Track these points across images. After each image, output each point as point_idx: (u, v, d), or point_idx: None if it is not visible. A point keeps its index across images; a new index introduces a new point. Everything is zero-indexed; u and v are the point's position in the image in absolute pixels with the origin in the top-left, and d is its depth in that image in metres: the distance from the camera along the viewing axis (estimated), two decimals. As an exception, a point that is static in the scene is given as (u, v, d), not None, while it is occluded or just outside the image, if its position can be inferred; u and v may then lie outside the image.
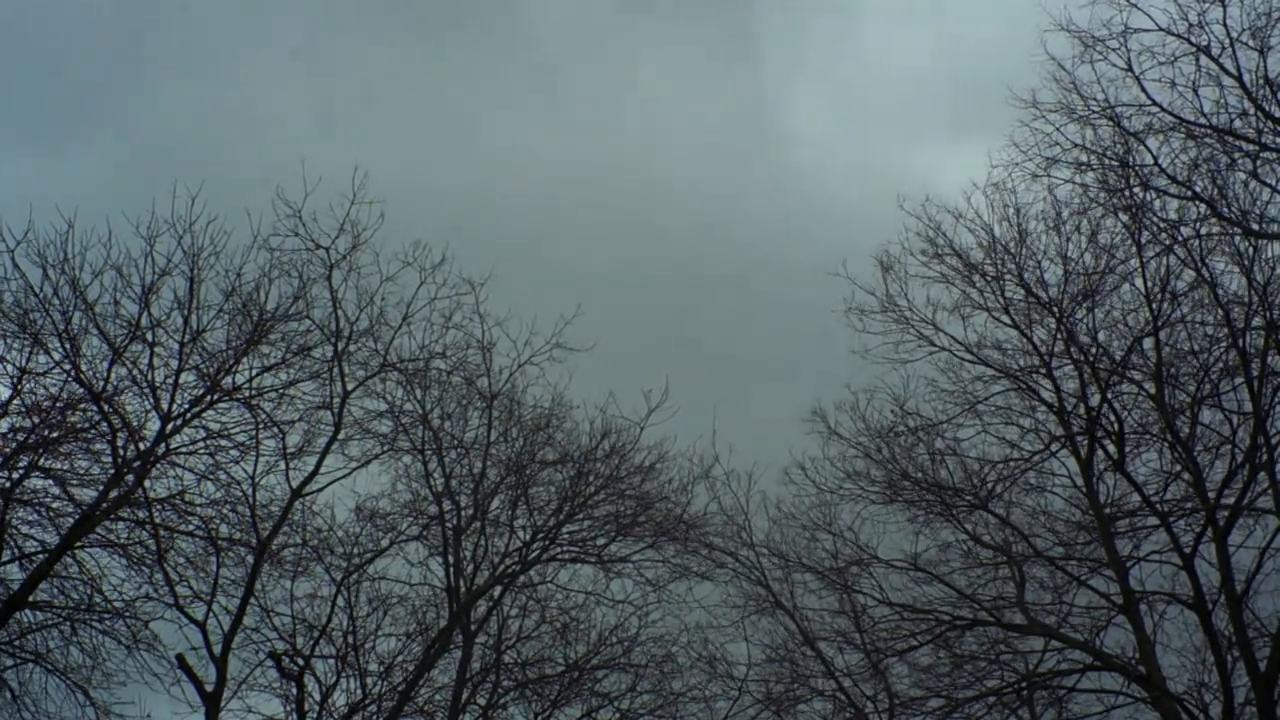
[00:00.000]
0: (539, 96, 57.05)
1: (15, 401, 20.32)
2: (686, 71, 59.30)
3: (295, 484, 22.83)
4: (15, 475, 20.10)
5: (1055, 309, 23.70)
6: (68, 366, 20.35)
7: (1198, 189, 22.26)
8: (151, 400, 21.04)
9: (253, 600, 22.54)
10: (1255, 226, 21.74)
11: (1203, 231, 22.23)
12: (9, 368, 20.31)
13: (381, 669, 25.36)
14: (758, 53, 60.50)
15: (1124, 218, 23.05)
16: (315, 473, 23.14)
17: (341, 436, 23.64)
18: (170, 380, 21.03)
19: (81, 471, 20.96)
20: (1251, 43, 21.73)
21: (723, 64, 60.83)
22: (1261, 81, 21.73)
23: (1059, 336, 23.75)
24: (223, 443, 21.87)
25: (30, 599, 20.11)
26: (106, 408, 20.32)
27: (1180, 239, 22.40)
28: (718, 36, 60.63)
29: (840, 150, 58.78)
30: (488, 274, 25.42)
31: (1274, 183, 21.75)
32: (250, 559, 22.05)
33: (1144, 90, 22.60)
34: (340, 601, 24.58)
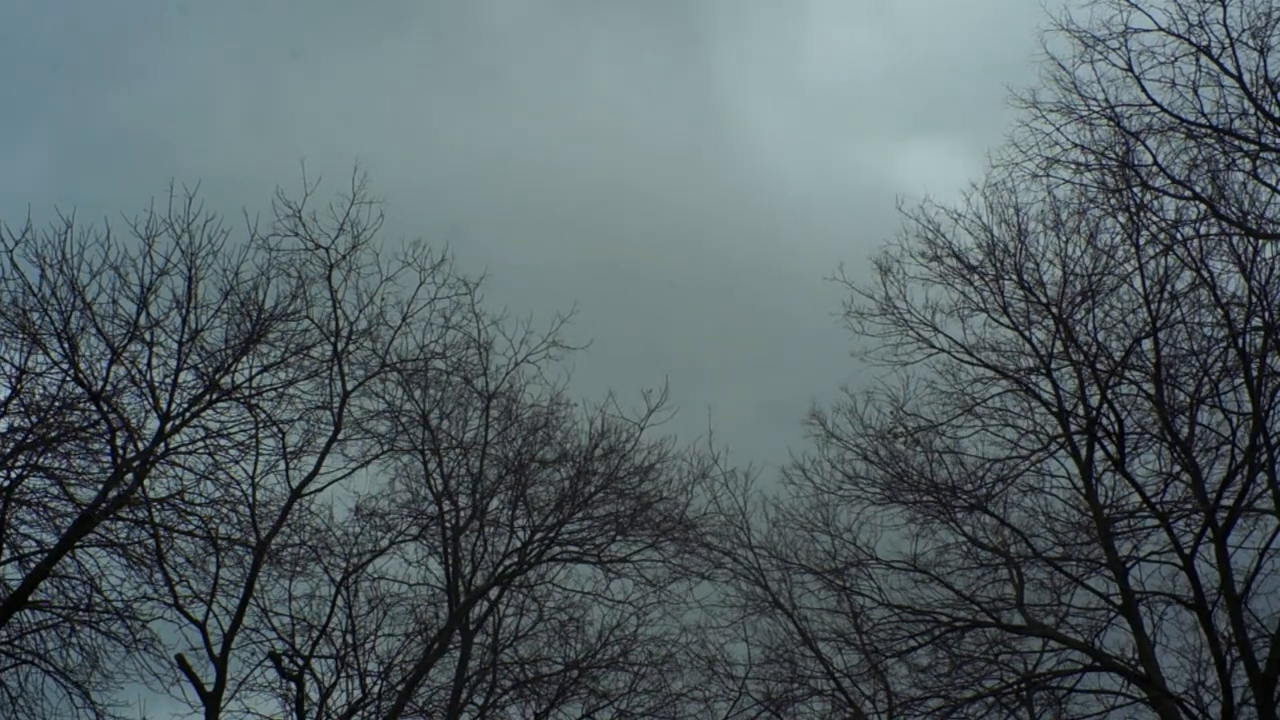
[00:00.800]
0: (487, 93, 56.88)
1: (14, 401, 20.31)
2: (635, 65, 59.33)
3: (295, 484, 22.89)
4: (14, 475, 20.06)
5: (1054, 309, 23.70)
6: (66, 366, 20.35)
7: (1197, 189, 22.29)
8: (150, 400, 21.06)
9: (252, 600, 22.55)
10: (1254, 226, 21.75)
11: (1202, 231, 22.25)
12: (8, 367, 20.33)
13: (381, 669, 25.36)
14: (705, 47, 60.90)
15: (1122, 218, 23.08)
16: (315, 473, 23.19)
17: (341, 436, 23.69)
18: (169, 380, 21.06)
19: (80, 471, 20.94)
20: (1251, 43, 21.79)
21: (670, 57, 60.93)
22: (1261, 81, 21.78)
23: (1058, 337, 23.76)
24: (222, 442, 21.91)
25: (30, 599, 20.08)
26: (105, 407, 20.31)
27: (1179, 239, 22.43)
28: (664, 31, 60.69)
29: (791, 144, 58.98)
30: (483, 274, 25.42)
31: (1274, 183, 21.76)
32: (250, 559, 22.04)
33: (1144, 90, 22.69)
34: (339, 601, 24.61)
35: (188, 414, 21.35)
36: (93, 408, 20.50)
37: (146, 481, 20.93)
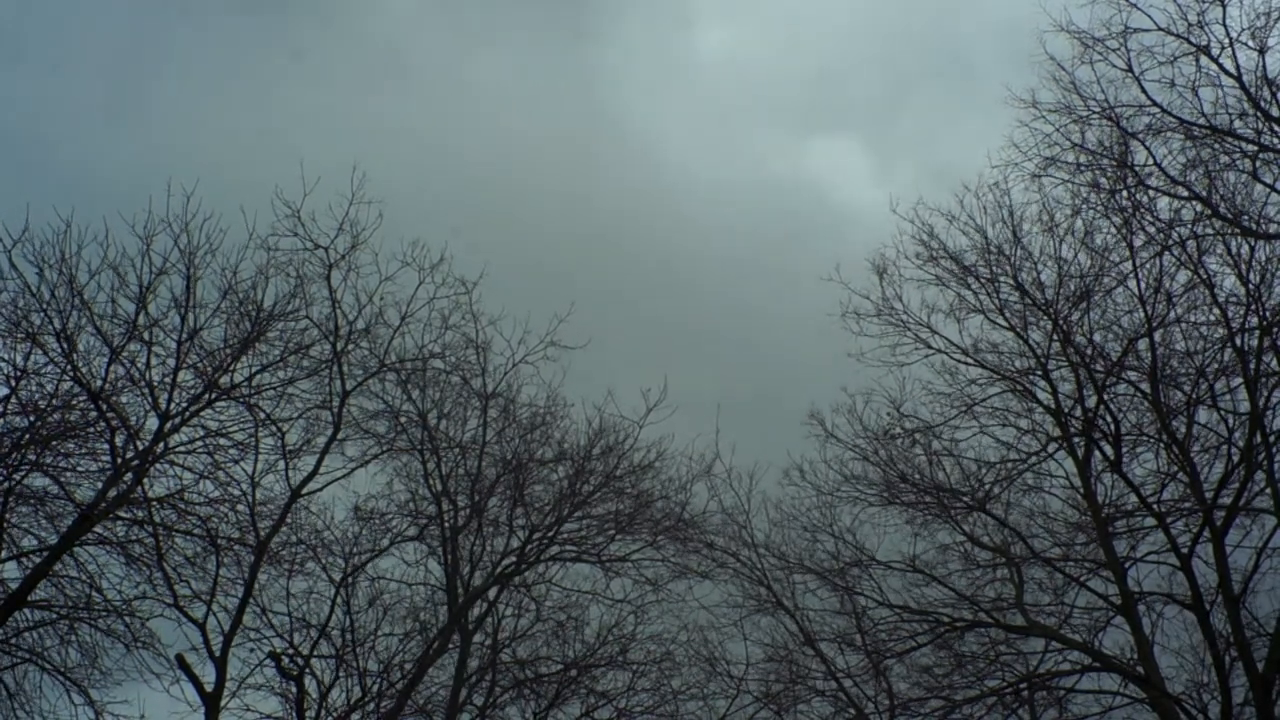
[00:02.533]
0: (387, 82, 56.71)
1: (13, 400, 20.36)
2: (522, 55, 59.21)
3: (294, 483, 22.94)
4: (14, 474, 20.11)
5: (1050, 311, 23.71)
6: (65, 365, 20.39)
7: (1195, 189, 22.28)
8: (149, 399, 21.10)
9: (252, 600, 22.56)
10: (1251, 226, 21.74)
11: (1198, 231, 22.25)
12: (7, 367, 20.37)
13: (380, 668, 25.34)
14: (589, 39, 60.83)
15: (1118, 219, 23.07)
16: (314, 472, 23.25)
17: (340, 436, 23.73)
18: (168, 379, 21.09)
19: (80, 470, 20.99)
20: (1251, 43, 21.78)
21: (556, 50, 60.80)
22: (1261, 82, 21.76)
23: (1055, 338, 23.78)
24: (221, 442, 21.95)
25: (29, 598, 20.13)
26: (104, 406, 20.35)
27: (1175, 239, 22.42)
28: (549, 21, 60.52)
29: (679, 134, 58.79)
30: (480, 273, 25.47)
31: (1271, 182, 21.76)
32: (249, 558, 22.09)
33: (1144, 90, 22.67)
34: (339, 601, 24.60)
35: (187, 413, 21.38)
36: (92, 407, 20.53)
37: (146, 481, 20.99)
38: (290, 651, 24.00)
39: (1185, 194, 22.39)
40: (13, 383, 20.20)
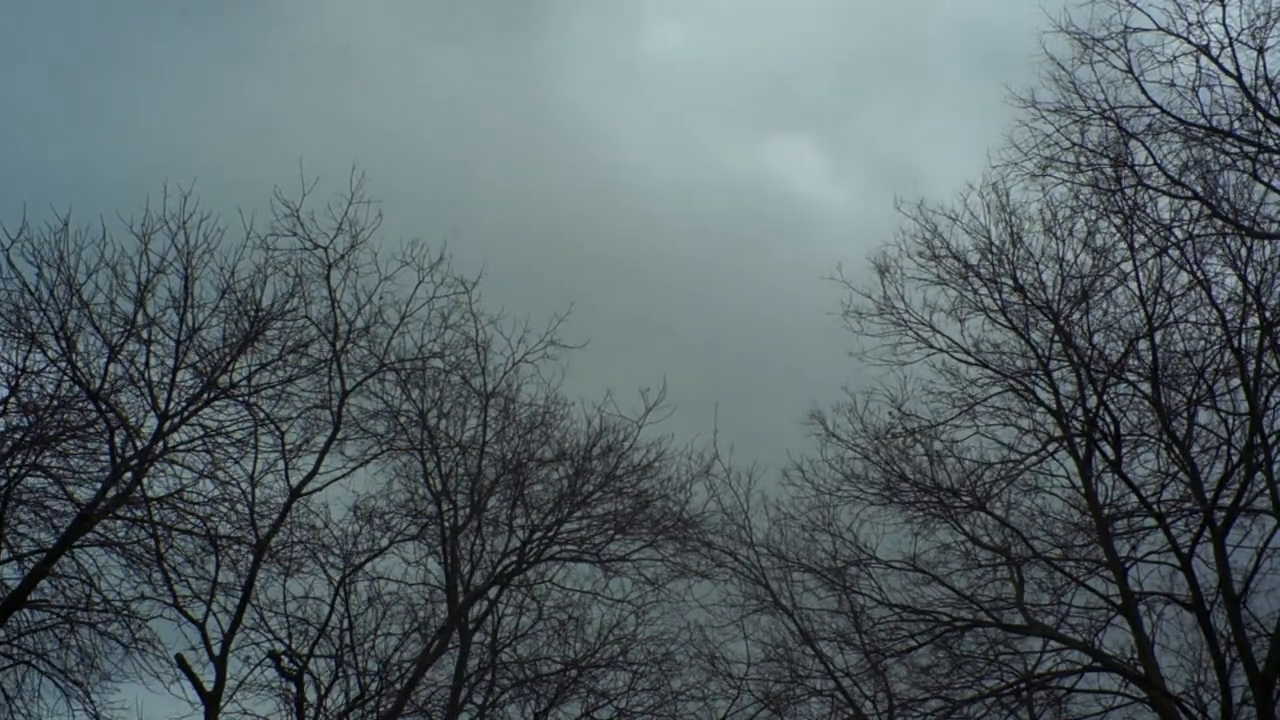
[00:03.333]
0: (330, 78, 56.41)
1: (12, 400, 20.35)
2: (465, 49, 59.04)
3: (294, 483, 22.89)
4: (13, 474, 20.08)
5: (1051, 311, 23.70)
6: (64, 365, 20.39)
7: (1195, 189, 22.26)
8: (149, 398, 21.07)
9: (251, 600, 22.52)
10: (1250, 226, 21.73)
11: (1197, 232, 22.24)
12: (6, 366, 20.39)
13: (379, 668, 25.30)
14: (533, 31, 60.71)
15: (1118, 219, 23.06)
16: (314, 472, 23.20)
17: (339, 436, 23.69)
18: (167, 378, 21.07)
19: (79, 470, 21.02)
20: (1251, 42, 21.76)
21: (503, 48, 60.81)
22: (1261, 81, 21.74)
23: (1055, 338, 23.77)
24: (220, 441, 21.92)
25: (28, 598, 20.11)
26: (104, 406, 20.33)
27: (1174, 240, 22.41)
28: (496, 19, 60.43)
29: (631, 132, 58.92)
30: (480, 273, 25.44)
31: (1268, 180, 21.75)
32: (249, 558, 22.06)
33: (1143, 91, 22.65)
34: (338, 601, 24.55)
35: (186, 413, 21.36)
36: (91, 407, 20.53)
37: (145, 480, 20.98)
38: (289, 652, 23.97)
39: (1185, 194, 22.38)
40: (13, 383, 20.17)
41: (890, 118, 60.25)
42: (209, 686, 21.37)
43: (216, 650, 21.56)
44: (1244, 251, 21.65)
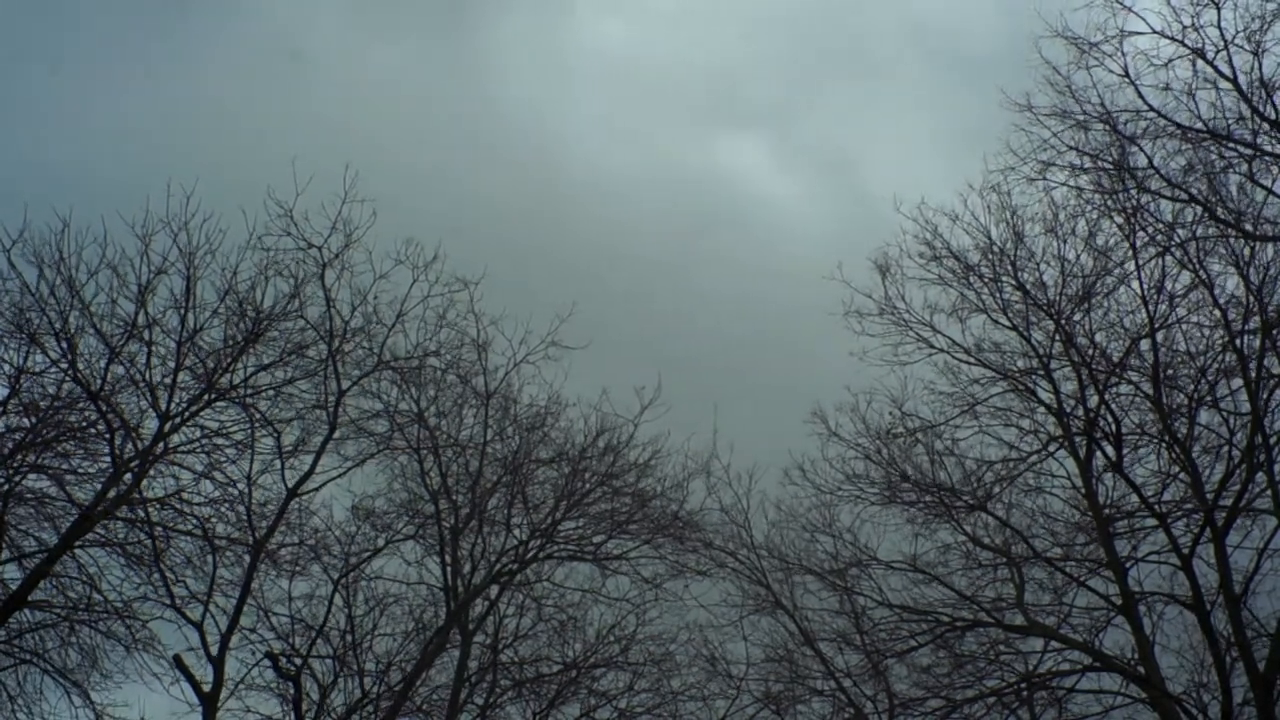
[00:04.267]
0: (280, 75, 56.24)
1: (13, 401, 20.33)
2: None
3: (291, 483, 22.89)
4: (13, 474, 20.08)
5: (1052, 311, 23.71)
6: (65, 366, 20.41)
7: (1193, 192, 22.29)
8: (149, 399, 21.05)
9: (250, 600, 22.56)
10: (1250, 228, 21.75)
11: (1198, 233, 22.25)
12: (6, 367, 20.39)
13: (379, 669, 25.31)
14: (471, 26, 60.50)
15: (1119, 220, 23.08)
16: (311, 472, 23.21)
17: (337, 436, 23.71)
18: (168, 379, 21.04)
19: (79, 471, 21.01)
20: (1246, 45, 21.78)
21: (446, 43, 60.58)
22: (1256, 84, 21.77)
23: (1056, 338, 23.77)
24: (219, 442, 21.91)
25: (29, 598, 20.10)
26: (104, 407, 20.33)
27: (1176, 241, 22.43)
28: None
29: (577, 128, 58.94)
30: (481, 273, 25.40)
31: (1269, 184, 21.77)
32: (247, 558, 22.05)
33: (1140, 95, 22.67)
34: (337, 601, 24.58)
35: (186, 414, 21.35)
36: (91, 407, 20.53)
37: (145, 481, 20.95)
38: (288, 652, 23.96)
39: (1185, 197, 22.39)
40: (13, 383, 20.15)
41: (839, 115, 60.65)
42: (207, 687, 21.37)
43: (215, 651, 21.55)
44: (1246, 252, 21.67)
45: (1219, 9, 21.76)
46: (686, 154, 58.56)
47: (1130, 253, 22.88)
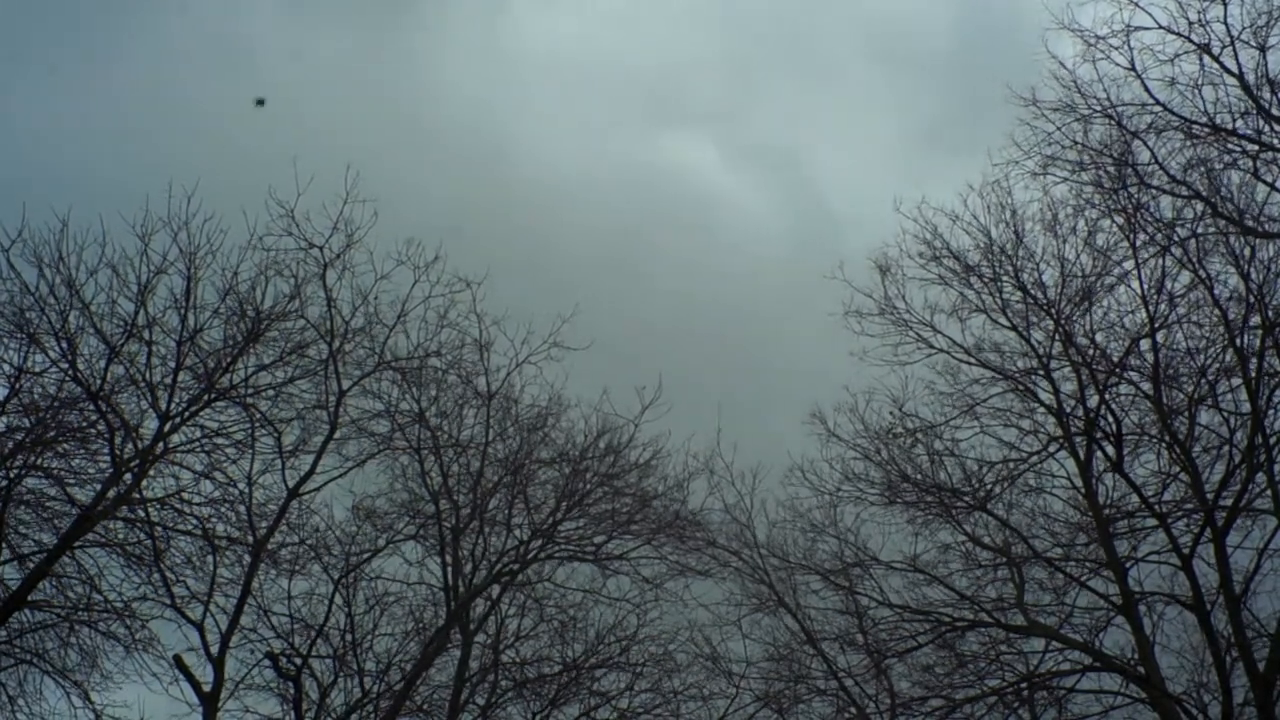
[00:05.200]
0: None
1: (13, 401, 20.34)
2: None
3: (292, 483, 22.91)
4: (13, 475, 20.08)
5: (1052, 311, 23.69)
6: (65, 365, 20.41)
7: (1197, 188, 22.26)
8: (149, 399, 21.05)
9: (250, 600, 22.57)
10: (1253, 225, 21.73)
11: (1199, 231, 22.23)
12: (6, 367, 20.38)
13: (379, 668, 25.31)
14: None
15: (1120, 219, 23.05)
16: (312, 472, 23.22)
17: (338, 436, 23.73)
18: (168, 379, 21.04)
19: (79, 471, 21.00)
20: (1252, 41, 21.76)
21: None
22: (1262, 80, 21.75)
23: (1056, 338, 23.74)
24: (219, 442, 21.90)
25: (29, 598, 20.11)
26: (104, 407, 20.34)
27: (1176, 239, 22.40)
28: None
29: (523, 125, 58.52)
30: (484, 273, 25.40)
31: (1273, 181, 21.74)
32: (247, 558, 22.06)
33: (1146, 89, 22.67)
34: (338, 601, 24.57)
35: (186, 414, 21.36)
36: (91, 407, 20.53)
37: (145, 481, 20.95)
38: (288, 652, 23.97)
39: (1187, 193, 22.37)
40: (13, 383, 20.16)
41: (787, 113, 60.61)
42: (207, 687, 21.38)
43: (215, 651, 21.57)
44: (1247, 251, 21.65)
45: (1225, 5, 21.78)
46: (633, 151, 58.45)
47: (1130, 252, 22.89)
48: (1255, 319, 21.68)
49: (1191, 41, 22.17)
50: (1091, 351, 23.48)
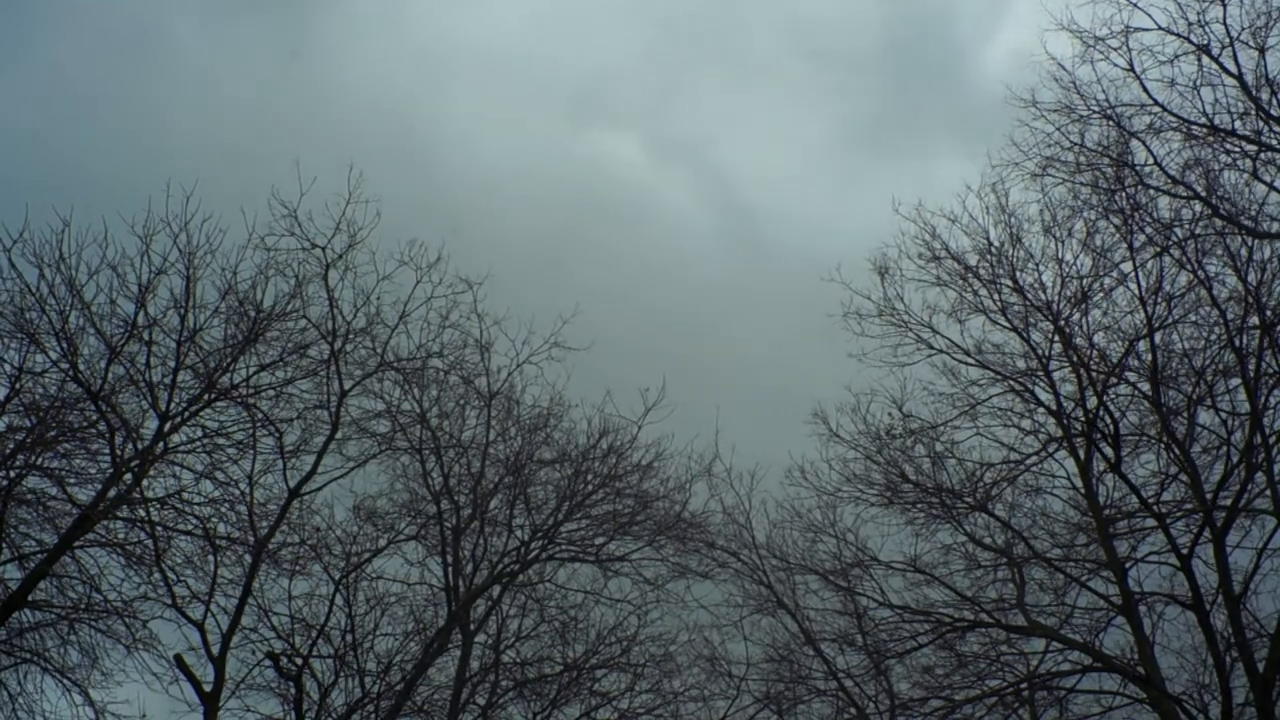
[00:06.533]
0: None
1: (13, 401, 20.38)
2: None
3: (293, 483, 22.95)
4: (13, 475, 20.13)
5: (1051, 311, 23.68)
6: (65, 366, 20.40)
7: (1196, 188, 22.26)
8: (149, 399, 21.08)
9: (251, 600, 22.62)
10: (1251, 225, 21.72)
11: (1197, 231, 22.23)
12: (7, 367, 20.39)
13: (380, 669, 25.36)
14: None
15: (1116, 220, 23.05)
16: (313, 472, 23.28)
17: (339, 436, 23.81)
18: (168, 379, 21.07)
19: (80, 471, 21.04)
20: (1251, 42, 21.77)
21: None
22: (1262, 81, 21.76)
23: (1055, 339, 23.74)
24: (220, 442, 21.93)
25: (29, 598, 20.14)
26: (104, 407, 20.35)
27: (1174, 240, 22.40)
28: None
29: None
30: (485, 274, 25.46)
31: (1269, 179, 21.75)
32: (248, 558, 22.10)
33: (1145, 89, 22.67)
34: (338, 601, 24.64)
35: (186, 414, 21.39)
36: (91, 407, 20.54)
37: (145, 481, 20.98)
38: (289, 652, 24.00)
39: (1185, 193, 22.37)
40: (14, 383, 20.20)
41: (711, 110, 61.13)
42: (208, 687, 21.42)
43: (215, 650, 21.60)
44: (1244, 251, 21.64)
45: (1224, 6, 21.80)
46: (559, 148, 58.54)
47: (1128, 253, 22.88)
48: (1253, 319, 21.67)
49: (1191, 42, 22.21)
50: (1090, 352, 23.46)
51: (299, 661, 23.89)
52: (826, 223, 53.79)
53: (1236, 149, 22.28)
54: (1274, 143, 21.94)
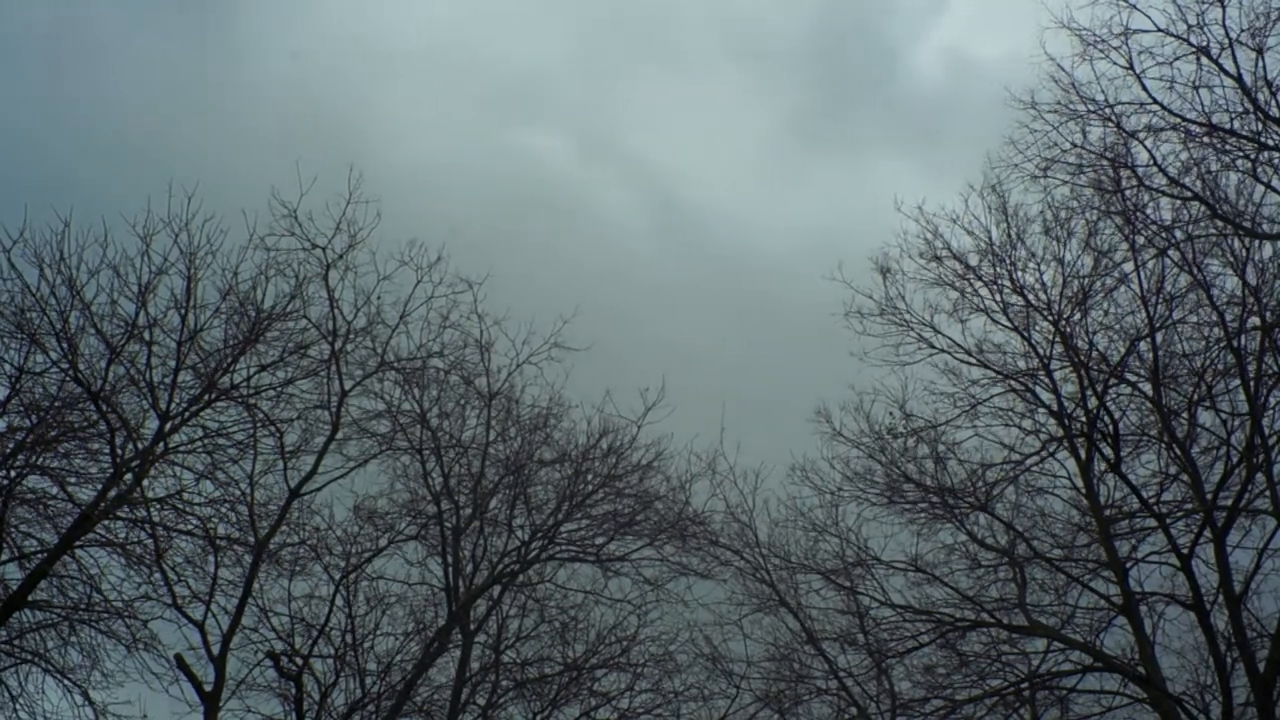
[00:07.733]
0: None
1: (14, 401, 20.39)
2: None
3: (293, 483, 22.96)
4: (14, 474, 20.14)
5: (1051, 312, 23.68)
6: (65, 366, 20.40)
7: (1195, 189, 22.25)
8: (149, 399, 21.09)
9: (251, 600, 22.62)
10: (1250, 226, 21.71)
11: (1196, 233, 22.22)
12: (7, 367, 20.39)
13: (380, 669, 25.39)
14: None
15: (1117, 220, 23.04)
16: (313, 472, 23.31)
17: (339, 436, 23.83)
18: (168, 379, 21.09)
19: (80, 471, 21.03)
20: (1250, 43, 21.75)
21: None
22: (1260, 82, 21.74)
23: (1055, 339, 23.73)
24: (220, 442, 21.95)
25: (30, 598, 20.15)
26: (104, 407, 20.35)
27: (1175, 241, 22.39)
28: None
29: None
30: (485, 274, 25.48)
31: (1268, 180, 21.73)
32: (248, 558, 22.11)
33: (1144, 89, 22.64)
34: (339, 601, 24.68)
35: (187, 414, 21.40)
36: (92, 407, 20.54)
37: (145, 481, 20.99)
38: (289, 652, 24.02)
39: (1185, 194, 22.36)
40: (14, 383, 20.21)
41: (646, 107, 61.09)
42: (208, 687, 21.43)
43: (216, 650, 21.62)
44: (1244, 252, 21.64)
45: (1223, 7, 21.75)
46: (493, 144, 58.55)
47: (1129, 253, 22.88)
48: (1253, 320, 21.67)
49: (1189, 44, 22.16)
50: (1091, 352, 23.44)
51: (299, 661, 23.90)
52: (760, 219, 54.72)
53: (1236, 150, 22.26)
54: (1272, 143, 21.92)
